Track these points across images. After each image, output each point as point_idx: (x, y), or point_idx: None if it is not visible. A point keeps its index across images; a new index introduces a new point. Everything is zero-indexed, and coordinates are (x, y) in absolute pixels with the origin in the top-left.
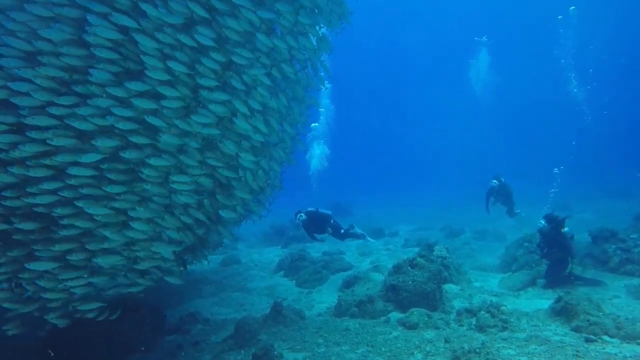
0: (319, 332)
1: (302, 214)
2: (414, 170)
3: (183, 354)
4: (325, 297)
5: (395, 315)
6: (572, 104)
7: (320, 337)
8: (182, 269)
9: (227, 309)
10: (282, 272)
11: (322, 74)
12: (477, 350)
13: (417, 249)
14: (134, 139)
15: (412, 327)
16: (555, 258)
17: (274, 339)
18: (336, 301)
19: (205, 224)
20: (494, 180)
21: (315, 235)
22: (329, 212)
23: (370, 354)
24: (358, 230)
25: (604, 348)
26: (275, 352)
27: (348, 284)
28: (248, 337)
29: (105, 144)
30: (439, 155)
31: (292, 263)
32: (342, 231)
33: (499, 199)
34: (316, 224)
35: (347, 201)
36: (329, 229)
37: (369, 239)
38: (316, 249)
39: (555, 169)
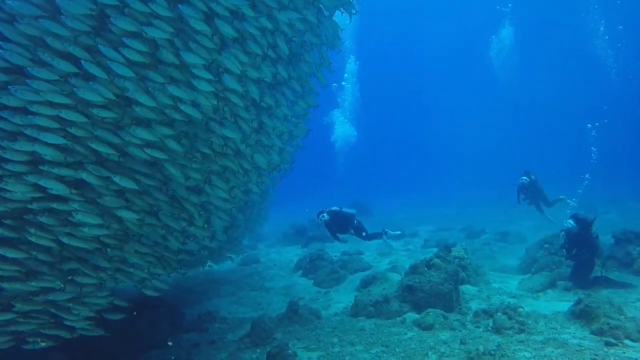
0: (334, 332)
1: (324, 214)
2: (435, 170)
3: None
4: (343, 297)
5: (411, 315)
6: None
7: (335, 336)
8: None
9: (245, 308)
10: (300, 272)
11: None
12: (492, 352)
13: (436, 250)
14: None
15: (427, 327)
16: (583, 259)
17: (289, 338)
18: (353, 301)
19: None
20: (524, 177)
21: (338, 235)
22: (353, 212)
23: (384, 354)
24: (393, 233)
25: (624, 352)
26: (290, 351)
27: (365, 284)
28: (264, 335)
29: (70, 116)
30: (460, 155)
31: (310, 263)
32: (364, 234)
33: (528, 195)
34: (339, 224)
35: (367, 201)
36: (351, 229)
37: (389, 232)
38: (335, 249)
39: (589, 124)
